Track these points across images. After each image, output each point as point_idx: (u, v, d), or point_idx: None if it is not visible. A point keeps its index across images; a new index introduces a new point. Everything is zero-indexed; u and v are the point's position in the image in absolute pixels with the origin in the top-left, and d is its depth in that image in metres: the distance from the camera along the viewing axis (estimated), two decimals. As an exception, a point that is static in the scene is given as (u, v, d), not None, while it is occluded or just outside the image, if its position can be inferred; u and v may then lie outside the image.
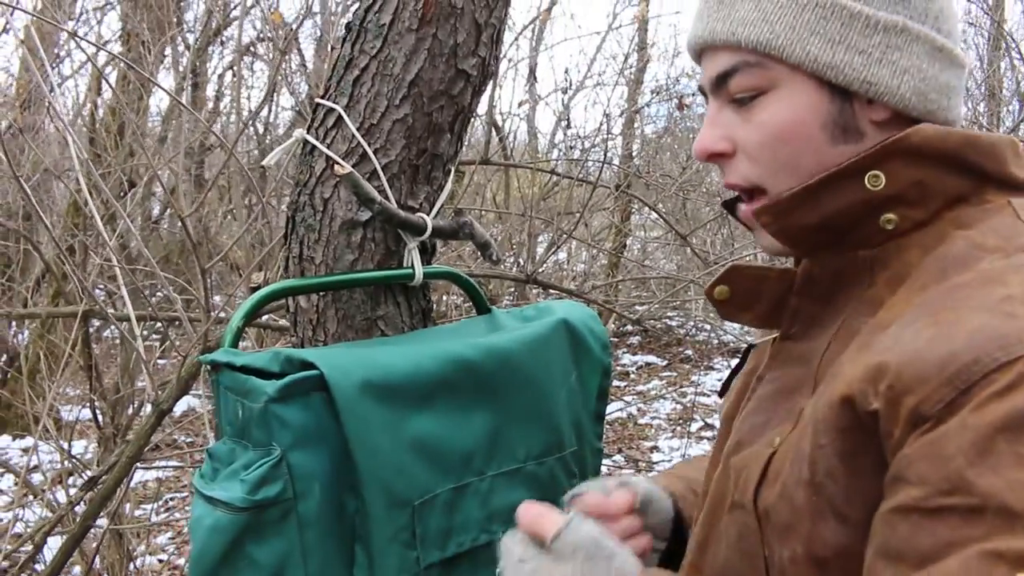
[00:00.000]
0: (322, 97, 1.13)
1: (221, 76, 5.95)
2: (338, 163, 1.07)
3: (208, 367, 0.99)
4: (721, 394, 1.01)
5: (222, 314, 2.04)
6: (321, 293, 1.12)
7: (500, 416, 1.02)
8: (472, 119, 1.21)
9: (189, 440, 4.81)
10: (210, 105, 5.93)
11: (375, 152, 1.09)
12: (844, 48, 0.76)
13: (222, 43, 5.51)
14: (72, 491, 2.86)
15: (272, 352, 0.95)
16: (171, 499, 4.56)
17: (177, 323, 2.47)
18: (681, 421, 6.34)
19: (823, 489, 0.69)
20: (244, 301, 1.07)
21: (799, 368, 0.79)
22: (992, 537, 0.56)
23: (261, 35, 5.28)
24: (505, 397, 1.02)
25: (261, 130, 4.64)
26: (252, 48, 5.02)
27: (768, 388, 0.82)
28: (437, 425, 0.96)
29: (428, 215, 1.13)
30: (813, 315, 0.80)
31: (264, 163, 1.11)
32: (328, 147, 1.10)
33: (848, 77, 0.76)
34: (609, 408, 1.20)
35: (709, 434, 6.13)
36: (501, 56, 1.26)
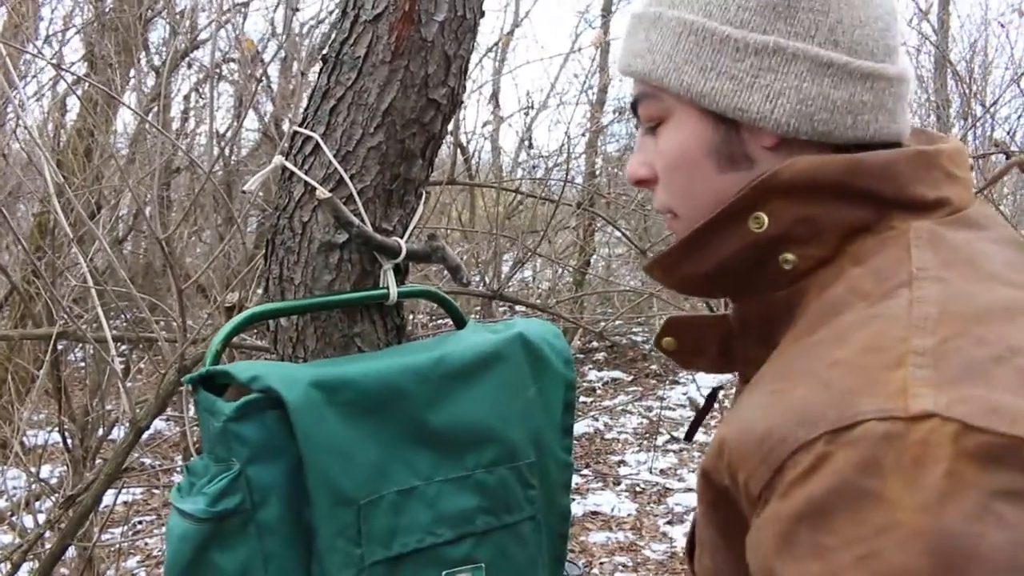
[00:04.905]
0: (300, 125, 1.19)
1: (187, 97, 5.96)
2: (318, 189, 1.13)
3: (190, 387, 1.04)
4: (687, 439, 1.00)
5: (200, 334, 2.08)
6: (301, 312, 1.17)
7: (449, 424, 1.05)
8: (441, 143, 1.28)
9: (157, 463, 4.78)
10: (175, 126, 5.94)
11: (351, 178, 1.15)
12: (716, 75, 0.74)
13: (188, 65, 5.53)
14: (40, 516, 2.85)
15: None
16: (139, 522, 4.53)
17: (149, 344, 2.49)
18: (648, 435, 6.41)
19: (715, 556, 0.70)
20: (227, 322, 1.12)
21: None
22: None
23: (226, 56, 5.31)
24: (454, 405, 1.06)
25: (227, 151, 4.66)
26: (218, 69, 5.04)
27: None
28: (386, 430, 1.02)
29: (402, 237, 1.19)
30: (759, 358, 0.73)
31: (245, 188, 1.16)
32: (306, 173, 1.15)
33: (721, 105, 0.74)
34: (577, 424, 1.22)
35: (675, 447, 6.21)
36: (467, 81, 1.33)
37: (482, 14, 1.22)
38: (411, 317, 5.82)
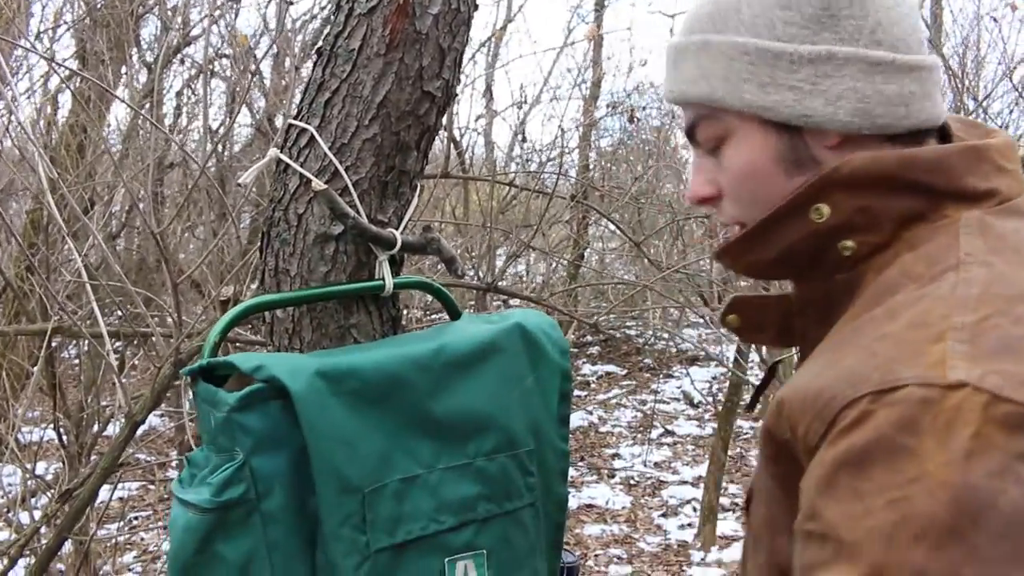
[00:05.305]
0: (295, 118, 1.19)
1: (179, 93, 5.94)
2: (314, 181, 1.13)
3: (188, 379, 1.05)
4: (749, 409, 1.09)
5: (195, 328, 2.08)
6: (297, 303, 1.18)
7: (450, 413, 1.07)
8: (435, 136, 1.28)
9: (152, 459, 4.79)
10: (168, 122, 5.92)
11: (346, 170, 1.15)
12: (775, 88, 0.79)
13: (181, 61, 5.51)
14: (36, 512, 2.85)
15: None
16: (135, 518, 4.54)
17: (144, 339, 2.49)
18: (642, 428, 6.44)
19: (771, 506, 0.75)
20: (224, 315, 1.13)
21: None
22: (831, 565, 0.60)
23: (219, 52, 5.30)
24: (455, 394, 1.07)
25: (220, 147, 4.65)
26: (211, 65, 5.03)
27: None
28: (389, 419, 1.03)
29: (397, 229, 1.20)
30: (818, 337, 0.79)
31: (240, 181, 1.16)
32: (301, 165, 1.16)
33: (784, 115, 0.79)
34: (571, 417, 1.24)
35: (669, 440, 6.23)
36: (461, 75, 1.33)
37: (476, 7, 1.23)
38: (405, 312, 5.82)
